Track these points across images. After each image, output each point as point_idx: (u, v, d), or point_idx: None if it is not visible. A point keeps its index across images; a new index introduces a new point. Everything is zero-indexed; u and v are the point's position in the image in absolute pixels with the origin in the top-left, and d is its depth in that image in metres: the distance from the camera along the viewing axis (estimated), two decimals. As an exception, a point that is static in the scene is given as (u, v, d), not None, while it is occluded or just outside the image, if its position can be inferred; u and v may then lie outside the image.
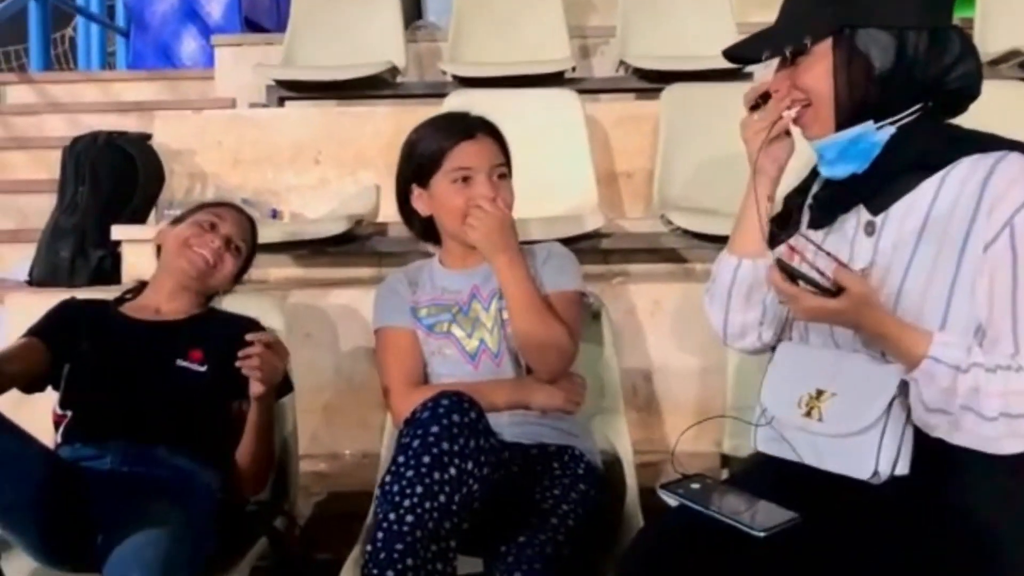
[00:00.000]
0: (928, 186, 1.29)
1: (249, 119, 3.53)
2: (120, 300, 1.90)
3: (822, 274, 1.21)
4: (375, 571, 1.33)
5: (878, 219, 1.33)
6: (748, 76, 3.57)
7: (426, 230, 1.81)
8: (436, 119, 1.79)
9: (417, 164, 1.72)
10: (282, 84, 3.90)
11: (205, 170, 3.29)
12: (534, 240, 1.89)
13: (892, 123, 1.31)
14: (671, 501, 1.35)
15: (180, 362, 1.76)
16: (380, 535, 1.34)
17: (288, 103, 3.96)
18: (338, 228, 2.66)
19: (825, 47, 1.31)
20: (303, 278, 2.93)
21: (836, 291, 1.19)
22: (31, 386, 1.76)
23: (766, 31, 1.39)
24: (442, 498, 1.35)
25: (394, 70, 3.88)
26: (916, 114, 1.32)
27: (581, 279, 1.77)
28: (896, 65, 1.28)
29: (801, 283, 1.21)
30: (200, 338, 1.80)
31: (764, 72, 3.48)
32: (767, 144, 1.40)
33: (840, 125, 1.32)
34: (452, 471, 1.36)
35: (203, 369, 1.76)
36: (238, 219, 1.97)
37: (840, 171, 1.35)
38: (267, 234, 2.76)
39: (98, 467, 1.64)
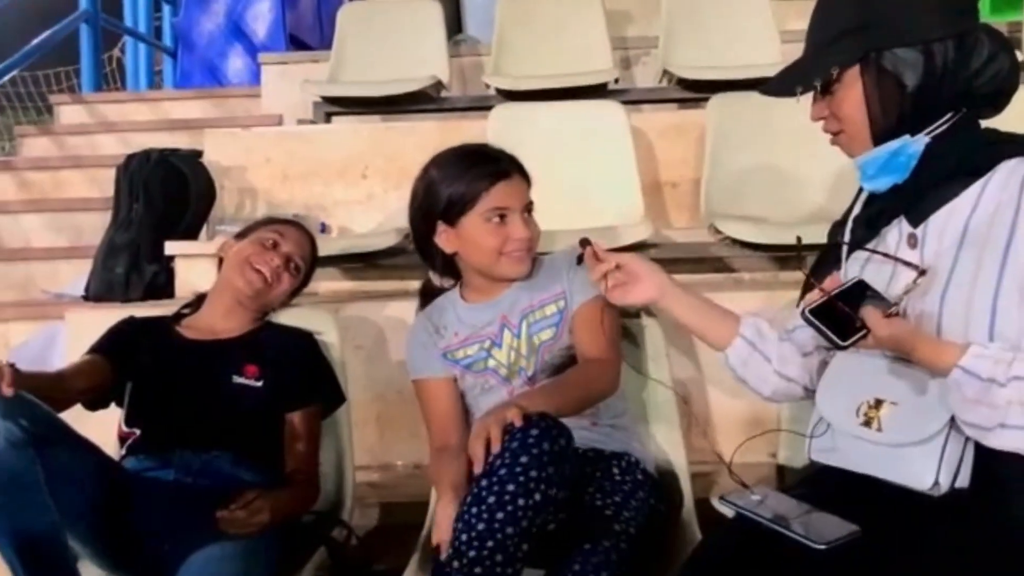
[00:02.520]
0: (969, 194, 1.30)
1: (297, 135, 3.58)
2: (178, 316, 1.94)
3: (845, 318, 1.23)
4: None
5: (919, 231, 1.33)
6: (793, 85, 3.55)
7: (446, 266, 1.80)
8: (459, 156, 1.75)
9: (448, 202, 1.69)
10: (328, 100, 3.96)
11: (255, 186, 3.34)
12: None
13: (927, 133, 1.31)
14: (729, 512, 1.35)
15: (237, 379, 1.79)
16: (452, 555, 1.35)
17: (334, 119, 4.01)
18: (387, 242, 2.68)
19: (854, 73, 1.32)
20: (353, 291, 2.96)
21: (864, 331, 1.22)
22: (95, 402, 1.80)
23: (796, 64, 1.40)
24: (524, 523, 1.34)
25: (438, 85, 3.91)
26: (950, 122, 1.31)
27: None
28: (926, 79, 1.29)
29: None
30: (255, 353, 1.83)
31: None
32: (623, 287, 1.53)
33: (877, 142, 1.34)
34: (537, 497, 1.34)
35: (259, 384, 1.79)
36: (299, 238, 1.99)
37: (882, 184, 1.36)
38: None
39: (162, 477, 1.67)
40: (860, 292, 1.27)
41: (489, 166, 1.70)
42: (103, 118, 4.97)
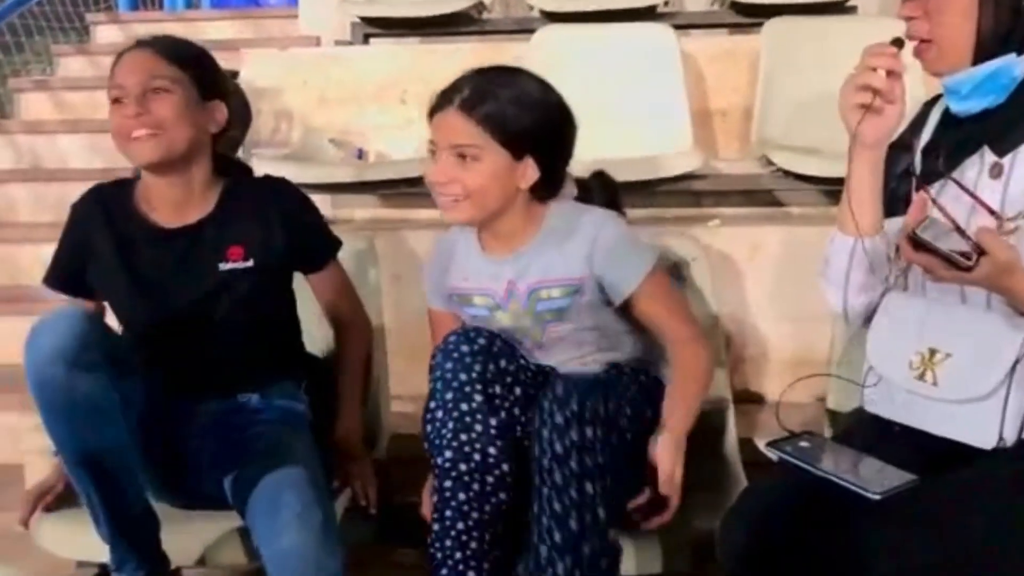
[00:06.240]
0: None
1: (334, 57, 3.50)
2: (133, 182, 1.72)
3: (961, 236, 1.12)
4: (435, 514, 1.43)
5: (1005, 160, 1.24)
6: (852, 9, 3.41)
7: None
8: None
9: None
10: (367, 21, 3.85)
11: (291, 109, 3.26)
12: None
13: None
14: (776, 458, 1.29)
15: (223, 265, 1.62)
16: (435, 481, 1.45)
17: (373, 40, 3.91)
18: (425, 168, 2.61)
19: None
20: (389, 218, 2.91)
21: (976, 255, 1.10)
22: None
23: None
24: (478, 427, 1.40)
25: (480, 5, 3.79)
26: None
27: (645, 247, 1.59)
28: None
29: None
30: (234, 229, 1.64)
31: (868, 6, 3.32)
32: (867, 116, 1.26)
33: (976, 59, 1.23)
34: (478, 398, 1.41)
35: (249, 264, 1.63)
36: (136, 61, 1.60)
37: (974, 106, 1.26)
38: (353, 174, 2.75)
39: (195, 422, 1.63)
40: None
41: (437, 96, 1.56)
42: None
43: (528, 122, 1.50)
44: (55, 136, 3.86)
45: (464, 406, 1.41)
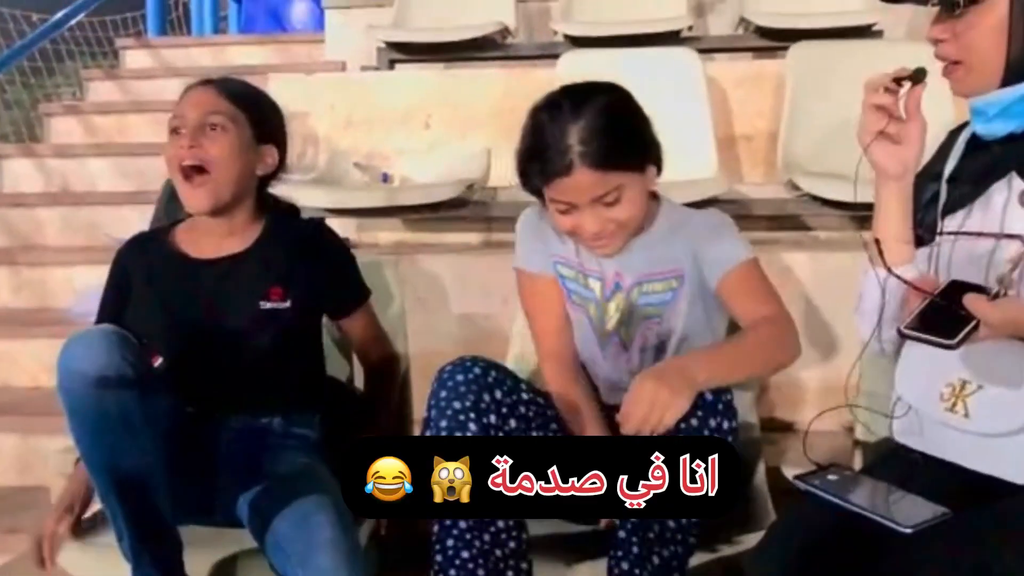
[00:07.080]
0: None
1: (360, 82, 3.53)
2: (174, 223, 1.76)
3: (950, 316, 1.11)
4: (437, 545, 1.40)
5: None
6: (878, 34, 3.40)
7: None
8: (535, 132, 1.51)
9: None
10: (392, 47, 3.88)
11: (317, 133, 3.29)
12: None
13: None
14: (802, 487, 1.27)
15: (264, 304, 1.64)
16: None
17: (398, 66, 3.94)
18: (449, 193, 2.62)
19: None
20: (414, 242, 2.92)
21: (974, 323, 1.09)
22: None
23: None
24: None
25: (505, 31, 3.82)
26: None
27: (747, 243, 1.56)
28: None
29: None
30: (275, 269, 1.66)
31: (894, 31, 3.30)
32: (885, 144, 1.25)
33: (1006, 81, 1.20)
34: (472, 427, 1.38)
35: (287, 305, 1.64)
36: (199, 96, 1.64)
37: (999, 128, 1.23)
38: (378, 198, 2.77)
39: (218, 437, 1.63)
40: (958, 288, 1.14)
41: (549, 163, 1.45)
42: (168, 63, 4.98)
43: (636, 134, 1.50)
44: (84, 160, 3.91)
45: (458, 435, 1.38)
